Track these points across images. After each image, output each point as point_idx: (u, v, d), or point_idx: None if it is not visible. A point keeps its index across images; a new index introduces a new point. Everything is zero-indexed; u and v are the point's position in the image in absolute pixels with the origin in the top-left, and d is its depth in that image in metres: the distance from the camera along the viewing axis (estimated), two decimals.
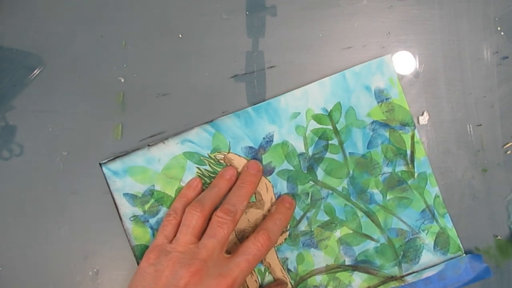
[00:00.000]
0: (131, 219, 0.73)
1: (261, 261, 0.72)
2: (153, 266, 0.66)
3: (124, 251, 0.73)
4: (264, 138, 0.73)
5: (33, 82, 0.74)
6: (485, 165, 0.74)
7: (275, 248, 0.73)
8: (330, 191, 0.73)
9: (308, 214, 0.73)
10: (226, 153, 0.73)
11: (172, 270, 0.64)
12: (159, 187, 0.73)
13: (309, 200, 0.73)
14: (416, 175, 0.73)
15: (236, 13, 0.74)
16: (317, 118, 0.73)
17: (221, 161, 0.73)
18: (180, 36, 0.75)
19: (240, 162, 0.73)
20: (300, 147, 0.73)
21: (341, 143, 0.73)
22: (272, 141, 0.73)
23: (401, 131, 0.73)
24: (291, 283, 0.73)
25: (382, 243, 0.73)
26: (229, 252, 0.68)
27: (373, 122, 0.73)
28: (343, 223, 0.73)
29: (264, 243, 0.67)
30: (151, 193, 0.73)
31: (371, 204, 0.73)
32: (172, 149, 0.73)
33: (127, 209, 0.73)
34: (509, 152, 0.74)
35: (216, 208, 0.69)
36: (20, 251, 0.73)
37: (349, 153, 0.73)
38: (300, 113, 0.73)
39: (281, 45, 0.74)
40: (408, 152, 0.73)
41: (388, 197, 0.73)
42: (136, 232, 0.73)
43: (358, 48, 0.74)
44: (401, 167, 0.73)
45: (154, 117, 0.74)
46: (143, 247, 0.73)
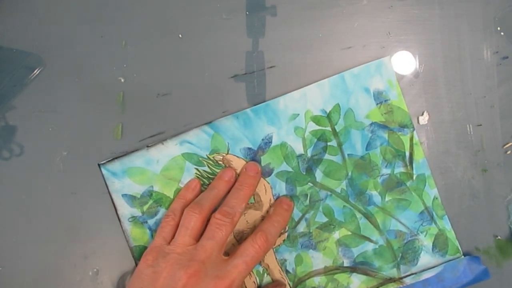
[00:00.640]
0: (130, 220, 0.73)
1: (259, 263, 0.73)
2: (151, 268, 0.66)
3: (124, 251, 0.74)
4: (263, 140, 0.73)
5: (33, 82, 0.74)
6: (485, 165, 0.74)
7: (274, 250, 0.74)
8: (329, 193, 0.73)
9: (307, 216, 0.73)
10: (224, 154, 0.73)
11: (170, 272, 0.65)
12: (157, 188, 0.73)
13: (307, 201, 0.73)
14: (414, 177, 0.73)
15: (236, 13, 0.74)
16: (316, 120, 0.73)
17: (220, 162, 0.73)
18: (180, 36, 0.75)
19: (239, 163, 0.73)
20: (299, 149, 0.73)
21: (340, 145, 0.73)
22: (271, 143, 0.73)
23: (400, 132, 0.73)
24: (289, 285, 0.74)
25: (380, 245, 0.73)
26: (227, 254, 0.68)
27: (372, 124, 0.73)
28: (342, 224, 0.73)
29: (262, 245, 0.67)
30: (150, 194, 0.73)
31: (370, 206, 0.73)
32: (171, 150, 0.73)
33: (125, 210, 0.73)
34: (509, 152, 0.74)
35: (214, 209, 0.70)
36: (20, 251, 0.74)
37: (348, 154, 0.73)
38: (299, 114, 0.73)
39: (281, 45, 0.74)
40: (407, 153, 0.73)
41: (387, 198, 0.73)
42: (135, 233, 0.73)
43: (358, 48, 0.74)
44: (399, 169, 0.73)
45: (154, 117, 0.74)
46: (141, 248, 0.73)
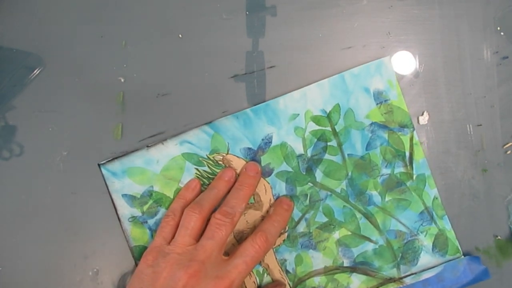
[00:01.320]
0: (130, 220, 0.73)
1: (259, 263, 0.73)
2: (151, 268, 0.66)
3: (124, 251, 0.74)
4: (263, 140, 0.73)
5: (33, 82, 0.74)
6: (485, 165, 0.74)
7: (274, 250, 0.74)
8: (329, 193, 0.73)
9: (307, 216, 0.73)
10: (224, 154, 0.73)
11: (170, 272, 0.65)
12: (157, 188, 0.73)
13: (307, 201, 0.73)
14: (414, 177, 0.73)
15: (236, 13, 0.74)
16: (316, 120, 0.73)
17: (219, 162, 0.73)
18: (180, 36, 0.75)
19: (239, 163, 0.73)
20: (299, 149, 0.73)
21: (340, 145, 0.73)
22: (271, 143, 0.73)
23: (400, 132, 0.73)
24: (289, 285, 0.74)
25: (380, 245, 0.73)
26: (227, 254, 0.68)
27: (372, 124, 0.73)
28: (342, 224, 0.73)
29: (262, 245, 0.67)
30: (150, 194, 0.73)
31: (370, 206, 0.73)
32: (170, 150, 0.73)
33: (125, 210, 0.73)
34: (509, 152, 0.74)
35: (214, 209, 0.70)
36: (20, 251, 0.74)
37: (348, 154, 0.73)
38: (299, 114, 0.73)
39: (281, 45, 0.74)
40: (407, 153, 0.73)
41: (387, 198, 0.73)
42: (135, 233, 0.73)
43: (358, 48, 0.74)
44: (399, 169, 0.73)
45: (154, 117, 0.74)
46: (141, 248, 0.73)
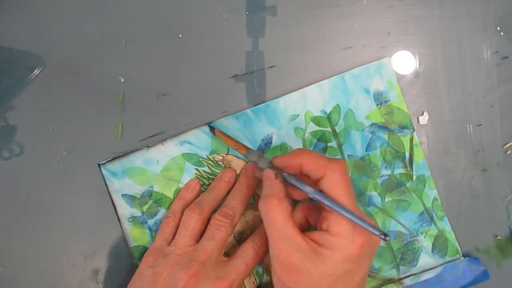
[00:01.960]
0: (130, 220, 0.73)
1: (259, 263, 0.72)
2: (152, 268, 0.66)
3: (124, 251, 0.73)
4: (263, 140, 0.73)
5: (33, 82, 0.74)
6: (485, 165, 0.74)
7: None
8: None
9: None
10: (224, 155, 0.73)
11: (170, 273, 0.65)
12: (157, 188, 0.73)
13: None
14: (414, 178, 0.73)
15: (236, 13, 0.74)
16: (316, 120, 0.73)
17: (219, 162, 0.73)
18: (180, 36, 0.75)
19: (239, 164, 0.73)
20: None
21: (339, 145, 0.73)
22: (271, 143, 0.73)
23: (400, 133, 0.73)
24: None
25: (380, 246, 0.73)
26: (227, 255, 0.68)
27: (372, 125, 0.73)
28: None
29: (262, 246, 0.67)
30: (150, 194, 0.73)
31: (370, 207, 0.73)
32: (170, 150, 0.73)
33: (125, 210, 0.73)
34: (509, 152, 0.74)
35: (214, 210, 0.70)
36: (20, 251, 0.74)
37: (348, 155, 0.73)
38: (299, 115, 0.73)
39: (281, 45, 0.74)
40: (407, 154, 0.73)
41: (387, 199, 0.73)
42: (134, 233, 0.73)
43: (358, 48, 0.74)
44: (399, 170, 0.73)
45: (154, 117, 0.74)
46: (141, 248, 0.73)
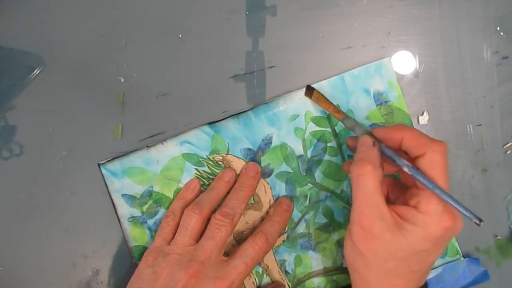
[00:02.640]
0: (130, 220, 0.73)
1: (259, 263, 0.72)
2: (151, 268, 0.66)
3: (124, 251, 0.74)
4: (263, 140, 0.73)
5: (33, 82, 0.74)
6: (485, 165, 0.74)
7: (273, 250, 0.74)
8: (329, 194, 0.73)
9: (306, 217, 0.73)
10: (224, 155, 0.73)
11: (170, 272, 0.65)
12: (157, 188, 0.73)
13: (307, 202, 0.73)
14: None
15: (236, 13, 0.74)
16: (316, 120, 0.73)
17: (219, 162, 0.73)
18: (180, 36, 0.74)
19: (239, 164, 0.73)
20: (298, 149, 0.73)
21: (339, 146, 0.73)
22: (271, 143, 0.73)
23: None
24: (288, 285, 0.74)
25: None
26: (227, 254, 0.68)
27: (372, 125, 0.73)
28: (341, 225, 0.73)
29: (262, 246, 0.67)
30: (150, 194, 0.73)
31: None
32: (170, 150, 0.73)
33: (125, 210, 0.73)
34: (509, 152, 0.74)
35: (214, 210, 0.70)
36: (20, 251, 0.74)
37: (348, 155, 0.73)
38: (299, 115, 0.73)
39: (281, 45, 0.74)
40: None
41: None
42: (134, 233, 0.73)
43: (358, 48, 0.74)
44: None
45: (154, 117, 0.74)
46: (141, 248, 0.73)
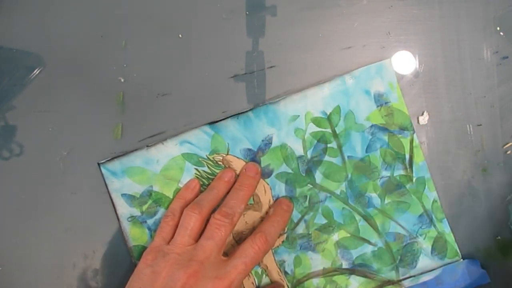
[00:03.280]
0: (129, 219, 0.73)
1: (258, 264, 0.72)
2: (151, 267, 0.66)
3: (123, 250, 0.74)
4: (263, 141, 0.73)
5: (33, 82, 0.74)
6: (485, 165, 0.74)
7: (273, 251, 0.74)
8: (328, 194, 0.73)
9: (306, 217, 0.73)
10: (224, 155, 0.73)
11: (169, 272, 0.65)
12: (157, 188, 0.73)
13: (307, 203, 0.73)
14: (414, 180, 0.73)
15: (236, 13, 0.74)
16: (316, 121, 0.73)
17: (219, 163, 0.73)
18: (180, 36, 0.74)
19: (239, 164, 0.73)
20: (299, 150, 0.73)
21: (340, 147, 0.73)
22: (271, 144, 0.73)
23: (400, 135, 0.72)
24: (288, 286, 0.74)
25: (379, 247, 0.73)
26: (226, 254, 0.68)
27: (372, 126, 0.73)
28: (341, 226, 0.73)
29: (262, 246, 0.67)
30: (149, 194, 0.73)
31: (369, 208, 0.73)
32: (170, 150, 0.73)
33: (125, 209, 0.73)
34: (509, 152, 0.74)
35: (214, 210, 0.70)
36: (20, 251, 0.74)
37: (348, 156, 0.73)
38: (299, 116, 0.73)
39: (281, 45, 0.74)
40: (407, 156, 0.73)
41: (386, 201, 0.73)
42: (134, 232, 0.73)
43: (358, 48, 0.74)
44: (399, 171, 0.73)
45: (154, 117, 0.74)
46: (140, 247, 0.73)
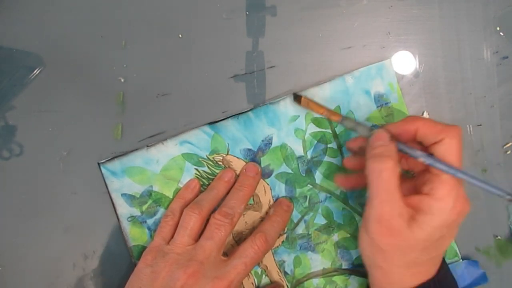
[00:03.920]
0: (129, 219, 0.73)
1: (258, 264, 0.73)
2: (150, 267, 0.67)
3: (123, 250, 0.74)
4: (263, 141, 0.73)
5: (33, 82, 0.74)
6: (485, 165, 0.74)
7: (272, 251, 0.74)
8: (328, 195, 0.73)
9: (306, 217, 0.74)
10: (224, 155, 0.73)
11: (168, 272, 0.65)
12: (157, 188, 0.73)
13: (307, 203, 0.73)
14: None
15: (236, 13, 0.74)
16: (316, 122, 0.73)
17: (219, 163, 0.73)
18: (180, 36, 0.74)
19: (239, 164, 0.73)
20: (299, 150, 0.73)
21: (339, 147, 0.73)
22: (271, 144, 0.73)
23: None
24: (287, 286, 0.74)
25: None
26: (226, 254, 0.68)
27: (372, 126, 0.72)
28: (341, 226, 0.74)
29: (261, 246, 0.67)
30: (149, 193, 0.73)
31: None
32: (170, 150, 0.73)
33: (125, 209, 0.73)
34: (509, 152, 0.74)
35: (214, 210, 0.70)
36: (20, 251, 0.74)
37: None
38: (299, 116, 0.73)
39: (281, 45, 0.74)
40: None
41: None
42: (134, 232, 0.73)
43: (358, 48, 0.74)
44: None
45: (154, 117, 0.74)
46: (140, 247, 0.73)
